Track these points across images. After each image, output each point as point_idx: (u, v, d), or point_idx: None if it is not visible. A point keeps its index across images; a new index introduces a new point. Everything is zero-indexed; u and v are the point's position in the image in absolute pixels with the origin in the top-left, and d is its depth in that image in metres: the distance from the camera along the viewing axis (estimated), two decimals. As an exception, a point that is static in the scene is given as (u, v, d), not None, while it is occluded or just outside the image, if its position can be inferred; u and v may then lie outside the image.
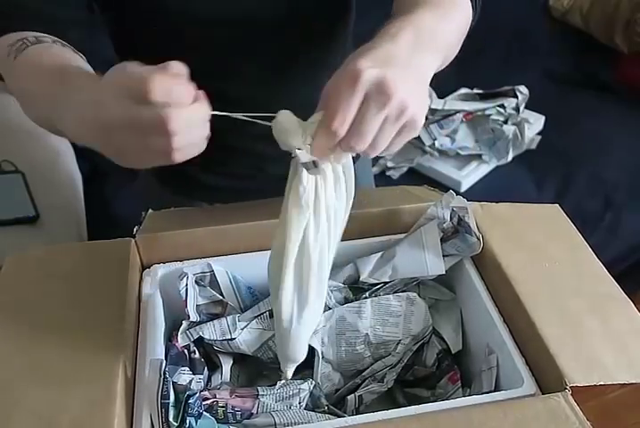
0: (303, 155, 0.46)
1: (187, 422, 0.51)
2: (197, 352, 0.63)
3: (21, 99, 0.59)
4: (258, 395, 0.57)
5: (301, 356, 0.57)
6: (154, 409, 0.51)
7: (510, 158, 1.48)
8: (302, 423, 0.55)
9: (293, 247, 0.49)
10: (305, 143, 0.46)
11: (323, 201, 0.49)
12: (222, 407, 0.55)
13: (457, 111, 1.48)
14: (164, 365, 0.52)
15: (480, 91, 1.57)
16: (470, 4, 0.62)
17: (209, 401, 0.56)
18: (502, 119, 1.49)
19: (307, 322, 0.53)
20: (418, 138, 1.48)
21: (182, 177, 0.87)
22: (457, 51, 0.62)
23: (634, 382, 0.52)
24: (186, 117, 0.42)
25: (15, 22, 0.60)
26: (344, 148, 0.46)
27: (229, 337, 0.63)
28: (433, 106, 1.48)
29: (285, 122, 0.47)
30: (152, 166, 0.45)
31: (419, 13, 0.52)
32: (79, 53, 0.59)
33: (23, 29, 0.59)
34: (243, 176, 0.85)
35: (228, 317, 0.64)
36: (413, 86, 0.46)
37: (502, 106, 1.49)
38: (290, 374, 0.58)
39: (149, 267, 0.66)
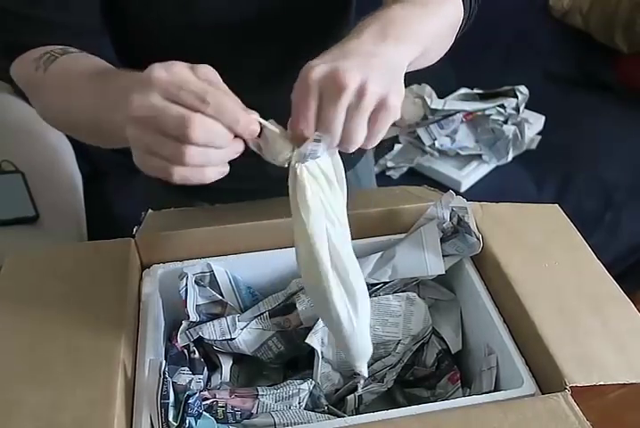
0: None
1: (187, 422, 0.51)
2: (197, 352, 0.63)
3: (56, 110, 0.59)
4: (257, 395, 0.57)
5: (371, 348, 0.56)
6: (154, 409, 0.51)
7: (510, 158, 1.48)
8: (302, 423, 0.55)
9: (325, 253, 0.49)
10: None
11: (325, 202, 0.49)
12: (222, 407, 0.55)
13: (457, 111, 1.48)
14: (164, 365, 0.52)
15: (480, 91, 1.57)
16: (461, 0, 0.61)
17: (208, 401, 0.56)
18: (502, 119, 1.49)
19: (363, 316, 0.52)
20: (418, 138, 1.48)
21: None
22: (449, 43, 0.61)
23: (634, 382, 0.52)
24: (212, 129, 0.42)
25: (34, 37, 0.60)
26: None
27: (229, 337, 0.63)
28: (433, 106, 1.48)
29: (270, 137, 0.47)
30: (152, 173, 0.45)
31: (392, 8, 0.52)
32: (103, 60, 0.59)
33: (42, 44, 0.59)
34: (243, 177, 0.85)
35: (228, 317, 0.64)
36: (372, 70, 0.45)
37: (502, 106, 1.49)
38: (365, 370, 0.56)
39: (149, 267, 0.66)
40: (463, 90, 1.61)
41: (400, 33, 0.50)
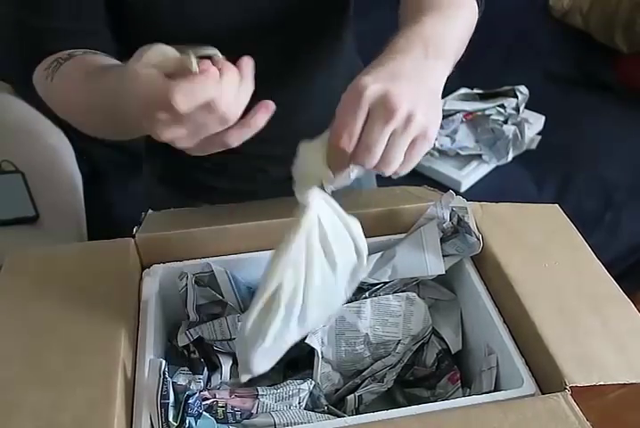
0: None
1: (187, 422, 0.51)
2: (197, 352, 0.63)
3: (71, 112, 0.61)
4: (257, 395, 0.57)
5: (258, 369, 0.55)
6: (154, 409, 0.51)
7: (510, 158, 1.48)
8: (302, 423, 0.55)
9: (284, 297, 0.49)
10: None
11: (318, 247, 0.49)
12: (222, 407, 0.55)
13: (457, 111, 1.48)
14: (164, 365, 0.52)
15: (480, 91, 1.57)
16: (474, 1, 0.62)
17: (208, 401, 0.56)
18: (502, 119, 1.49)
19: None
20: (418, 138, 1.48)
21: (183, 178, 0.87)
22: (464, 49, 0.62)
23: (634, 382, 0.52)
24: (193, 88, 0.41)
25: (49, 46, 0.62)
26: (355, 163, 0.47)
27: (229, 337, 0.63)
28: (433, 106, 1.48)
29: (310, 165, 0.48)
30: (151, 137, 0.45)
31: (426, 23, 0.52)
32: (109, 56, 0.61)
33: (56, 51, 0.61)
34: (244, 178, 0.85)
35: (228, 318, 0.64)
36: (420, 99, 0.46)
37: (502, 106, 1.49)
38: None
39: (149, 267, 0.66)
40: (463, 90, 1.61)
41: (439, 52, 0.51)
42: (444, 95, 1.71)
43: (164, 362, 0.52)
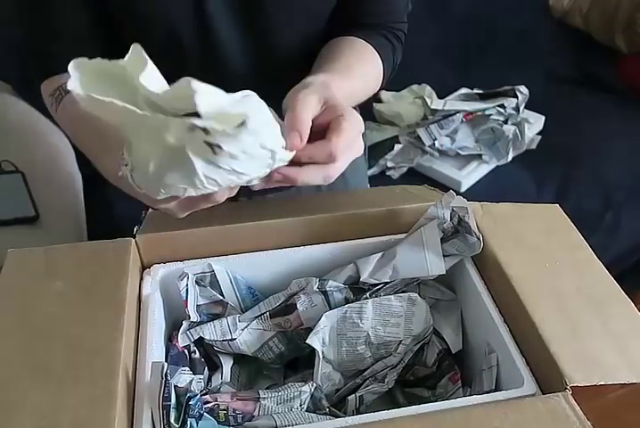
0: None
1: (188, 423, 0.51)
2: (197, 352, 0.63)
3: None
4: (259, 398, 0.57)
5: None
6: (156, 411, 0.51)
7: (510, 158, 1.48)
8: (303, 424, 0.55)
9: None
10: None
11: None
12: (223, 410, 0.55)
13: (457, 111, 1.47)
14: (165, 367, 0.52)
15: (480, 91, 1.57)
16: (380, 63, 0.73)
17: (210, 404, 0.56)
18: (502, 119, 1.48)
19: None
20: (418, 138, 1.47)
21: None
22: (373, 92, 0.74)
23: (634, 382, 0.52)
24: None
25: (54, 68, 0.66)
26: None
27: (229, 337, 0.63)
28: (433, 106, 1.47)
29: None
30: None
31: (339, 86, 0.58)
32: None
33: (61, 71, 0.64)
34: None
35: (229, 318, 0.64)
36: (351, 157, 0.55)
37: (502, 106, 1.49)
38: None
39: (149, 267, 0.66)
40: (463, 90, 1.61)
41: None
42: (444, 95, 1.72)
43: (166, 364, 0.52)
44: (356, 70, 0.66)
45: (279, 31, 0.70)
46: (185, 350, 0.63)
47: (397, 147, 1.49)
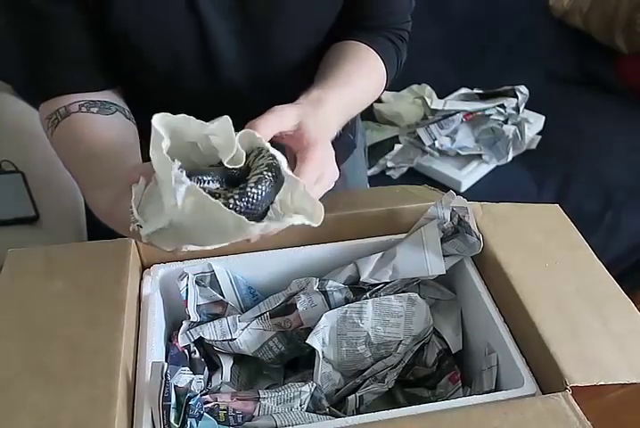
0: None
1: (188, 423, 0.51)
2: (197, 352, 0.63)
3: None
4: (259, 398, 0.57)
5: None
6: (156, 411, 0.51)
7: (510, 158, 1.48)
8: (303, 424, 0.55)
9: None
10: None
11: None
12: (223, 410, 0.55)
13: (457, 111, 1.47)
14: (165, 367, 0.52)
15: (480, 91, 1.57)
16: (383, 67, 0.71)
17: (210, 405, 0.56)
18: (502, 119, 1.49)
19: None
20: (418, 138, 1.48)
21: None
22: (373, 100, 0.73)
23: (634, 382, 0.52)
24: None
25: (55, 90, 0.65)
26: None
27: (229, 337, 0.63)
28: (433, 106, 1.47)
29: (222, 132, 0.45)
30: None
31: (331, 105, 0.58)
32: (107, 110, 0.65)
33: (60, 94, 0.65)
34: None
35: (228, 318, 0.64)
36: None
37: (502, 106, 1.49)
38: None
39: (149, 267, 0.66)
40: (463, 90, 1.61)
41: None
42: (444, 95, 1.72)
43: (166, 364, 0.52)
44: (357, 79, 0.66)
45: (282, 47, 0.70)
46: (185, 350, 0.63)
47: (397, 147, 1.49)
